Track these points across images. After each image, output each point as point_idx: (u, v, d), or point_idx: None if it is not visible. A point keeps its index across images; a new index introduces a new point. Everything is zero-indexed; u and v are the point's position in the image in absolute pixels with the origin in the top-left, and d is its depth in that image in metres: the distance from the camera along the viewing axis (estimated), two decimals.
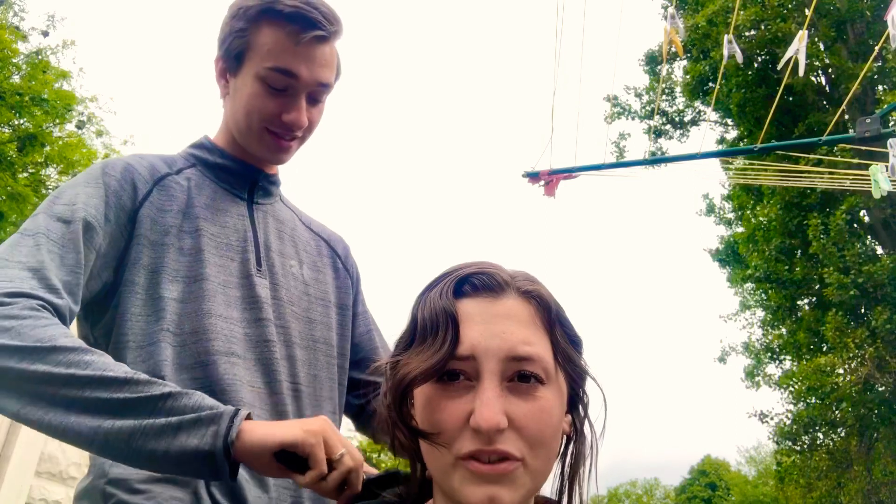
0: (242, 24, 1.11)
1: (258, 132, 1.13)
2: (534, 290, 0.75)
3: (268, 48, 1.09)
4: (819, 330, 10.75)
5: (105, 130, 14.26)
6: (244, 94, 1.12)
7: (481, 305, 0.73)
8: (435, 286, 0.75)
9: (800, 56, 4.68)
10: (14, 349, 0.82)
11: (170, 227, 1.07)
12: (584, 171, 5.86)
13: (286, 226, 1.24)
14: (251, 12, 1.10)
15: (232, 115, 1.16)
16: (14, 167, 12.12)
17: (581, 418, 0.79)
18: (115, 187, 1.05)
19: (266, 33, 1.09)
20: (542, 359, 0.71)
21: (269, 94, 1.10)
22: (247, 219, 1.17)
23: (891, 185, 4.83)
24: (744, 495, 34.76)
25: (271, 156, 1.18)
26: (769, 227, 11.75)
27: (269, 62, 1.08)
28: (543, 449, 0.70)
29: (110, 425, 0.80)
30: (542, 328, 0.74)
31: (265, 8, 1.09)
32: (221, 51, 1.15)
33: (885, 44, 4.49)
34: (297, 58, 1.09)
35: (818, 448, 10.53)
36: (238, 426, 0.82)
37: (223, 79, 1.17)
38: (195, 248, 1.07)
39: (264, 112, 1.11)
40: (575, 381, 0.77)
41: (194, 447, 0.80)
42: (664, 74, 14.12)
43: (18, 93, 11.99)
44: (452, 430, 0.69)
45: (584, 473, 0.78)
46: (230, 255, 1.11)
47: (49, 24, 13.67)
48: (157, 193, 1.09)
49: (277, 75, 1.09)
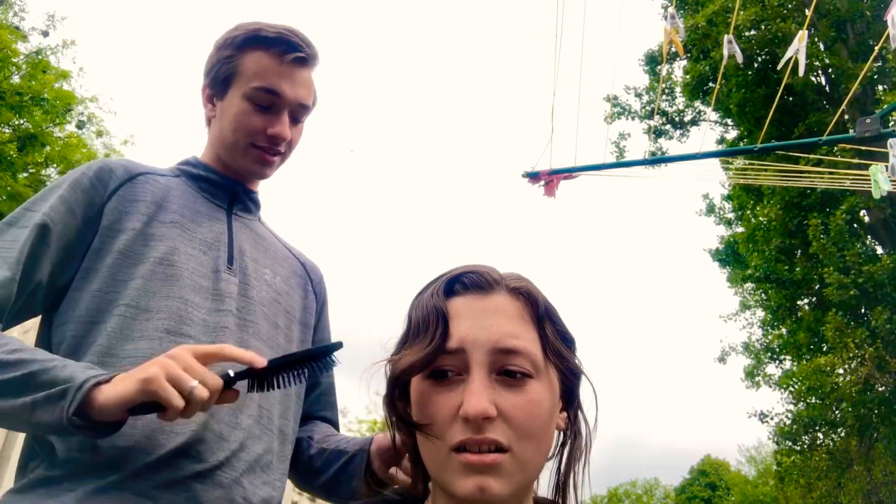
0: (230, 51, 1.22)
1: (244, 147, 1.22)
2: (522, 286, 0.77)
3: (254, 70, 1.20)
4: (819, 330, 10.74)
5: (105, 130, 14.30)
6: (231, 113, 1.21)
7: (471, 302, 0.75)
8: (427, 288, 0.78)
9: (800, 56, 4.68)
10: None
11: (139, 214, 1.12)
12: (584, 171, 5.85)
13: (264, 240, 1.30)
14: (238, 40, 1.22)
15: (219, 134, 1.24)
16: (14, 167, 12.13)
17: (574, 414, 0.80)
18: (86, 185, 1.12)
19: (252, 57, 1.20)
20: (529, 352, 0.72)
21: (255, 112, 1.20)
22: (224, 223, 1.22)
23: (891, 185, 4.83)
24: (744, 495, 34.74)
25: (256, 169, 1.25)
26: (769, 227, 11.75)
27: (255, 82, 1.19)
28: (533, 440, 0.71)
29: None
30: (530, 323, 0.75)
31: (251, 35, 1.21)
32: (208, 79, 1.26)
33: (885, 44, 4.48)
34: (281, 77, 1.20)
35: (818, 448, 10.53)
36: (80, 398, 0.86)
37: (210, 103, 1.27)
38: (166, 236, 1.12)
39: (250, 127, 1.20)
40: (567, 378, 0.78)
41: (47, 422, 0.87)
42: (664, 74, 14.12)
43: (18, 93, 12.00)
44: (444, 422, 0.71)
45: (580, 469, 0.79)
46: (202, 248, 1.15)
47: (49, 24, 13.68)
48: (128, 186, 1.15)
49: (262, 94, 1.19)
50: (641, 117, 15.18)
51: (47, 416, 0.87)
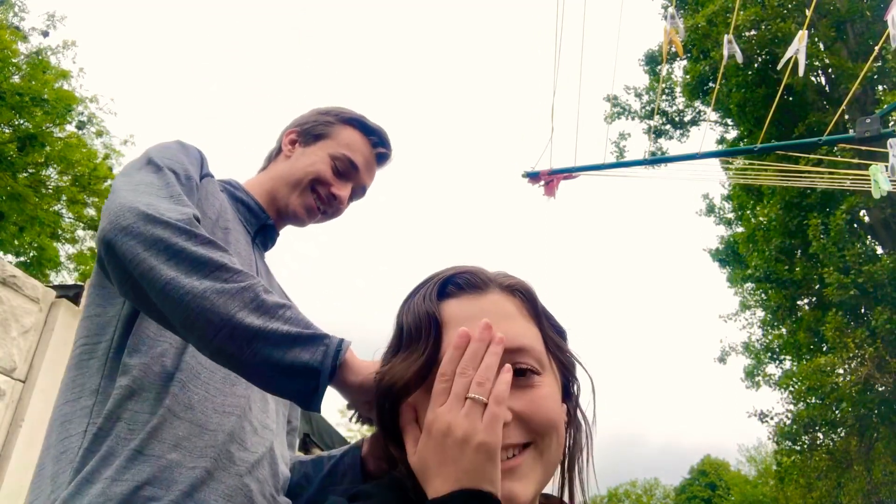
0: (331, 119, 1.40)
1: (305, 188, 1.34)
2: (516, 283, 0.76)
3: (347, 142, 1.38)
4: (819, 330, 10.75)
5: (105, 131, 14.27)
6: (311, 160, 1.35)
7: (467, 303, 0.72)
8: (418, 291, 0.75)
9: (800, 56, 4.68)
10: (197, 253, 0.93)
11: (209, 213, 1.19)
12: (584, 171, 5.85)
13: (273, 278, 1.37)
14: (343, 116, 1.40)
15: (287, 171, 1.36)
16: (14, 167, 12.13)
17: (574, 407, 0.79)
18: (189, 160, 1.20)
19: (350, 133, 1.39)
20: (534, 349, 0.71)
21: (331, 169, 1.35)
22: (251, 249, 1.28)
23: (891, 185, 4.82)
24: (744, 495, 34.75)
25: (301, 212, 1.35)
26: (769, 227, 11.76)
27: (345, 150, 1.36)
28: (554, 433, 0.69)
29: (240, 320, 0.87)
30: (530, 320, 0.74)
31: (356, 118, 1.40)
32: (300, 128, 1.40)
33: (885, 44, 4.48)
34: (364, 160, 1.39)
35: (818, 448, 10.52)
36: (343, 353, 0.88)
37: (290, 146, 1.39)
38: (225, 242, 1.17)
39: (322, 176, 1.34)
40: (566, 370, 0.77)
41: (304, 361, 0.87)
42: (664, 74, 14.13)
43: (19, 93, 12.00)
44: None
45: (583, 462, 0.77)
46: (244, 264, 1.18)
47: (49, 23, 13.69)
48: (209, 181, 1.24)
49: (346, 162, 1.36)
50: (641, 117, 15.19)
51: (307, 354, 0.87)
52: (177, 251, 0.91)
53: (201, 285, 0.89)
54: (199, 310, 0.88)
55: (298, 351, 0.87)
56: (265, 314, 0.89)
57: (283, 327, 0.88)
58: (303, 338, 0.88)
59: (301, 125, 1.41)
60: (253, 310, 0.89)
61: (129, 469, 0.92)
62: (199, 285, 0.89)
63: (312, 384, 0.87)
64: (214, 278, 0.90)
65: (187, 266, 0.91)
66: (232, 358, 0.89)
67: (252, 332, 0.87)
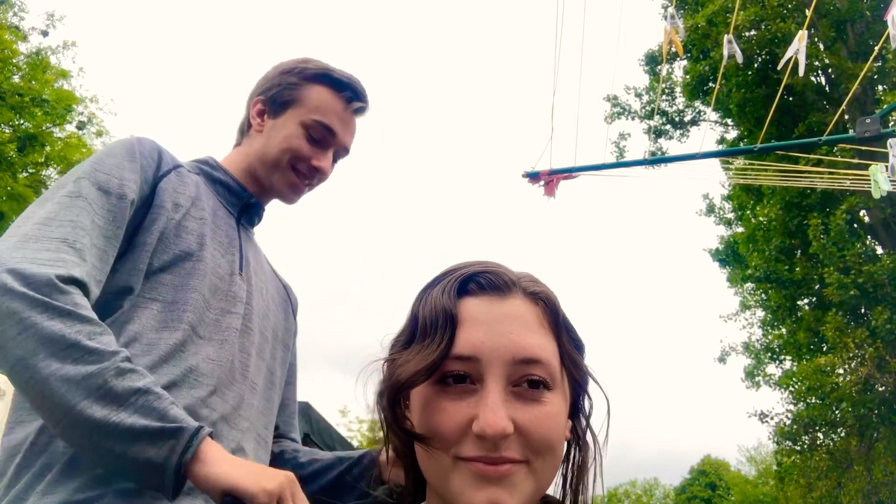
0: (296, 79, 1.29)
1: (285, 167, 1.27)
2: (541, 291, 0.72)
3: (316, 104, 1.27)
4: (819, 330, 10.75)
5: (105, 131, 14.28)
6: (283, 134, 1.26)
7: (486, 305, 0.69)
8: (437, 283, 0.72)
9: (800, 56, 4.68)
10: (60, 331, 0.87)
11: (180, 206, 1.14)
12: (584, 171, 5.85)
13: (259, 254, 1.34)
14: (307, 72, 1.29)
15: (261, 148, 1.28)
16: (14, 167, 12.13)
17: (583, 425, 0.76)
18: (143, 163, 1.13)
19: (318, 91, 1.28)
20: (549, 363, 0.68)
21: (306, 140, 1.26)
22: (235, 230, 1.25)
23: (891, 185, 4.82)
24: (744, 495, 34.74)
25: (286, 191, 1.30)
26: (769, 227, 11.76)
27: (316, 115, 1.26)
28: (550, 455, 0.68)
29: (80, 411, 0.83)
30: (549, 331, 0.71)
31: (322, 73, 1.29)
32: (265, 96, 1.30)
33: (885, 44, 4.49)
34: (340, 120, 1.29)
35: (818, 448, 10.52)
36: (195, 448, 0.85)
37: (259, 118, 1.31)
38: (199, 233, 1.14)
39: (299, 152, 1.26)
40: (578, 386, 0.74)
41: (147, 458, 0.84)
42: (664, 74, 14.12)
43: (19, 93, 12.01)
44: (452, 435, 0.65)
45: (588, 482, 0.75)
46: (221, 250, 1.18)
47: (49, 23, 13.69)
48: (174, 175, 1.17)
49: (319, 128, 1.27)
50: (641, 117, 15.19)
51: (153, 450, 0.83)
52: (27, 326, 0.86)
53: (47, 369, 0.85)
54: (41, 397, 0.85)
55: (143, 447, 0.83)
56: (111, 403, 0.85)
57: (127, 420, 0.84)
58: (149, 432, 0.84)
59: (266, 91, 1.31)
60: (97, 399, 0.84)
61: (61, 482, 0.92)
62: (45, 369, 0.85)
63: (157, 481, 0.85)
64: (63, 359, 0.85)
65: (35, 344, 0.86)
66: (79, 448, 0.87)
67: (92, 425, 0.83)
